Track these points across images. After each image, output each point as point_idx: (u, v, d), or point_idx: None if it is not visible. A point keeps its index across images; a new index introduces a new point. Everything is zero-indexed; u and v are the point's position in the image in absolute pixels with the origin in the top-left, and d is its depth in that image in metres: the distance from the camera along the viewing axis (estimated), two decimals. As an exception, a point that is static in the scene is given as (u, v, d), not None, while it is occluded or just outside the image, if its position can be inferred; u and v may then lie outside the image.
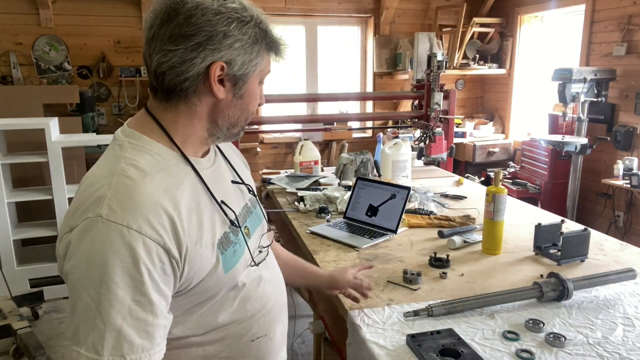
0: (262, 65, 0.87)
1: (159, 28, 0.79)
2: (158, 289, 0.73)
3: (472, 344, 1.12)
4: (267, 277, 0.98)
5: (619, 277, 1.40)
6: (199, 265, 0.80)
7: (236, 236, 0.90)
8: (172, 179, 0.80)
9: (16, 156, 3.20)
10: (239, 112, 0.88)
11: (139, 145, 0.81)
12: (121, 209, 0.72)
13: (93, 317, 0.70)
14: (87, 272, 0.71)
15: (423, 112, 2.90)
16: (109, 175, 0.76)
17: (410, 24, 5.15)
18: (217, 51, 0.80)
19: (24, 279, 3.22)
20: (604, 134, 3.87)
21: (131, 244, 0.71)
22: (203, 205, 0.83)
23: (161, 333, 0.76)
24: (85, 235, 0.72)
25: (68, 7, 4.18)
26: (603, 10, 3.91)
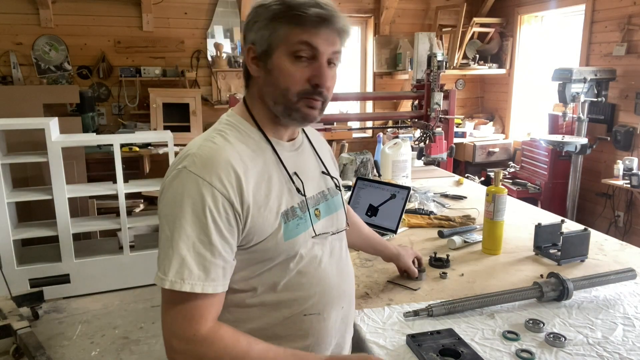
0: (284, 38, 0.91)
1: None
2: (220, 233, 0.87)
3: (472, 344, 1.12)
4: (328, 261, 1.04)
5: (619, 277, 1.40)
6: (261, 226, 0.91)
7: (303, 213, 0.99)
8: (250, 151, 0.94)
9: (16, 156, 3.20)
10: (272, 87, 0.95)
11: (232, 123, 0.98)
12: (201, 164, 0.87)
13: (167, 247, 0.86)
14: (169, 210, 0.87)
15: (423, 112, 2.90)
16: (201, 140, 0.94)
17: (410, 24, 5.15)
18: (251, 35, 0.95)
19: (24, 279, 3.22)
20: (604, 134, 3.88)
21: (202, 192, 0.85)
22: (275, 179, 0.95)
23: (218, 272, 0.87)
24: (173, 181, 0.89)
25: (68, 7, 4.18)
26: (603, 10, 3.91)
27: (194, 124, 4.31)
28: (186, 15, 4.47)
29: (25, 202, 3.28)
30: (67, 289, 3.32)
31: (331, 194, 1.11)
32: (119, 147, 3.23)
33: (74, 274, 3.31)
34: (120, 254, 3.41)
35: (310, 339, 1.00)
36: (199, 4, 4.48)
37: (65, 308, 3.22)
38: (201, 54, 4.57)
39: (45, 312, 3.16)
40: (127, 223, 3.33)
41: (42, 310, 3.16)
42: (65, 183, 3.15)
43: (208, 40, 4.55)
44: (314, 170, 1.08)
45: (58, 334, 2.92)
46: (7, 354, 2.64)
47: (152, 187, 3.46)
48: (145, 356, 2.72)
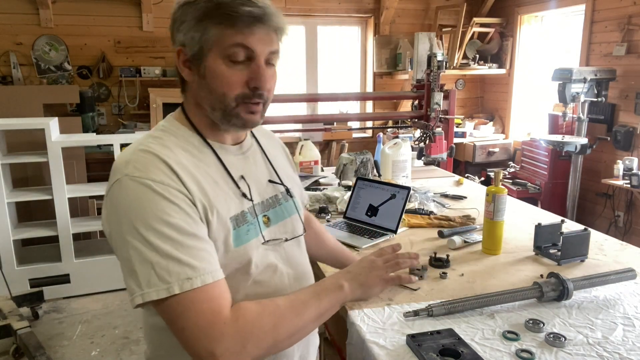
0: (214, 39, 0.85)
1: None
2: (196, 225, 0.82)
3: (472, 344, 1.12)
4: (284, 269, 1.01)
5: (619, 277, 1.40)
6: (213, 231, 0.86)
7: (253, 219, 0.94)
8: (191, 156, 0.89)
9: (16, 156, 3.20)
10: (207, 93, 0.89)
11: (168, 128, 0.92)
12: (142, 166, 0.82)
13: (149, 257, 0.77)
14: (128, 222, 0.79)
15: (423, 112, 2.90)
16: (136, 146, 0.88)
17: (410, 24, 5.15)
18: (178, 37, 0.89)
19: (24, 279, 3.22)
20: (604, 134, 3.87)
21: (155, 189, 0.80)
22: (221, 183, 0.90)
23: (212, 258, 0.83)
24: (119, 193, 0.82)
25: (68, 7, 4.18)
26: (603, 10, 3.91)
27: (194, 124, 4.31)
28: (186, 15, 4.47)
29: (25, 202, 3.28)
30: (67, 289, 3.32)
31: (284, 198, 1.06)
32: (119, 147, 3.23)
33: (74, 274, 3.31)
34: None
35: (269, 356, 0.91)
36: (199, 4, 4.48)
37: (65, 308, 3.23)
38: (201, 54, 4.57)
39: (45, 312, 3.16)
40: (127, 223, 3.32)
41: (42, 310, 3.16)
42: (65, 183, 3.15)
43: (208, 40, 4.55)
44: (263, 176, 1.02)
45: (58, 334, 2.92)
46: (7, 354, 2.64)
47: (152, 187, 3.46)
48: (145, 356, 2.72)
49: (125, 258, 0.80)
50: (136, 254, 0.78)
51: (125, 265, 0.80)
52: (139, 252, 0.78)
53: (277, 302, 0.87)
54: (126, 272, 0.80)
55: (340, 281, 1.01)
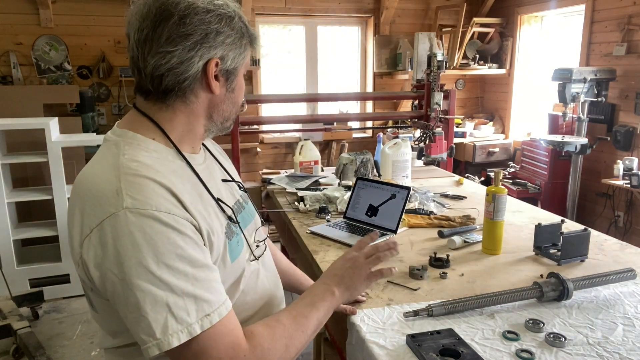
0: (247, 59, 0.90)
1: (151, 30, 0.78)
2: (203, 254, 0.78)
3: (472, 344, 1.12)
4: (264, 271, 1.01)
5: (619, 277, 1.40)
6: (214, 251, 0.83)
7: (236, 228, 0.92)
8: (172, 173, 0.81)
9: (16, 156, 3.20)
10: (231, 105, 0.91)
11: (134, 143, 0.82)
12: (143, 196, 0.74)
13: (163, 299, 0.71)
14: (136, 262, 0.71)
15: (423, 112, 2.90)
16: (113, 170, 0.77)
17: (410, 24, 5.15)
18: (212, 48, 0.82)
19: (24, 279, 3.22)
20: (604, 134, 3.87)
21: (164, 221, 0.73)
22: (205, 196, 0.86)
23: (221, 285, 0.80)
24: (117, 230, 0.72)
25: (68, 7, 4.18)
26: (603, 10, 3.91)
27: (194, 124, 4.31)
28: (186, 15, 4.47)
29: (25, 202, 3.28)
30: (67, 289, 3.32)
31: (244, 200, 1.05)
32: (119, 147, 3.22)
33: (74, 274, 3.31)
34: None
35: None
36: (199, 4, 4.48)
37: (65, 308, 3.23)
38: (201, 54, 4.57)
39: (45, 312, 3.16)
40: (127, 223, 3.32)
41: (42, 310, 3.16)
42: (65, 183, 3.15)
43: (208, 40, 4.55)
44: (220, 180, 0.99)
45: (58, 334, 2.92)
46: (7, 354, 2.64)
47: (152, 187, 3.46)
48: (145, 356, 2.72)
49: (132, 304, 0.72)
50: (146, 297, 0.71)
51: (131, 312, 0.72)
52: (150, 294, 0.71)
53: (283, 322, 0.86)
54: (132, 320, 0.72)
55: (331, 287, 1.01)
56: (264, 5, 4.69)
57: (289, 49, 5.13)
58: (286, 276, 1.27)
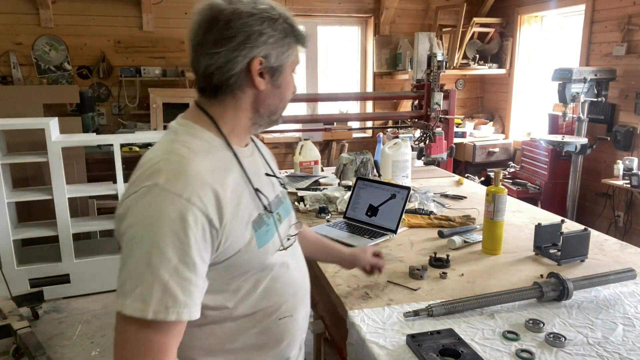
0: (292, 56, 0.97)
1: (203, 35, 0.90)
2: (200, 253, 0.82)
3: (472, 344, 1.12)
4: (294, 264, 1.06)
5: (619, 277, 1.40)
6: (235, 238, 0.89)
7: (268, 219, 0.98)
8: (218, 162, 0.90)
9: (16, 156, 3.20)
10: (277, 100, 0.99)
11: (191, 132, 0.93)
12: (175, 180, 0.82)
13: (142, 272, 0.78)
14: (141, 231, 0.80)
15: (423, 112, 2.90)
16: (165, 153, 0.87)
17: (410, 24, 5.15)
18: (255, 48, 0.90)
19: (24, 279, 3.22)
20: (604, 134, 3.87)
21: (181, 211, 0.80)
22: (242, 188, 0.93)
23: (199, 294, 0.84)
24: (143, 199, 0.81)
25: (68, 7, 4.18)
26: (603, 10, 3.91)
27: (194, 124, 4.31)
28: (186, 15, 4.47)
29: (25, 202, 3.28)
30: (67, 289, 3.32)
31: (283, 196, 1.12)
32: (119, 147, 3.23)
33: (74, 274, 3.31)
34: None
35: (285, 342, 1.03)
36: (199, 4, 4.48)
37: (65, 308, 3.23)
38: (201, 54, 4.57)
39: (45, 312, 3.16)
40: (127, 223, 3.32)
41: (42, 310, 3.16)
42: (65, 183, 3.15)
43: (208, 40, 4.55)
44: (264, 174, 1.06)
45: (58, 334, 2.92)
46: (7, 354, 2.64)
47: (152, 187, 3.45)
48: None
49: (123, 260, 0.81)
50: (132, 264, 0.79)
51: (121, 266, 0.82)
52: (135, 265, 0.79)
53: None
54: (120, 270, 0.82)
55: None
56: (264, 5, 4.69)
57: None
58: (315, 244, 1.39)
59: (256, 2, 0.91)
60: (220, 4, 0.90)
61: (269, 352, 1.00)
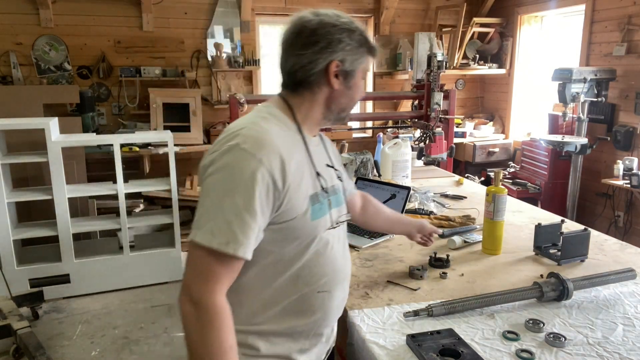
0: (364, 64, 1.13)
1: (293, 40, 1.09)
2: (262, 206, 0.98)
3: (472, 344, 1.12)
4: (338, 247, 1.16)
5: (619, 277, 1.40)
6: (294, 204, 1.03)
7: (324, 200, 1.12)
8: (289, 140, 1.06)
9: (16, 156, 3.20)
10: (347, 99, 1.14)
11: (272, 112, 1.11)
12: (252, 143, 0.99)
13: (214, 212, 0.96)
14: (219, 179, 0.98)
15: (423, 112, 2.90)
16: (248, 123, 1.05)
17: (410, 24, 5.15)
18: (334, 52, 1.07)
19: (24, 279, 3.22)
20: (604, 134, 3.87)
21: (253, 169, 0.97)
22: (304, 167, 1.08)
23: (254, 239, 0.99)
24: (225, 155, 0.99)
25: (68, 7, 4.18)
26: (603, 10, 3.91)
27: (194, 124, 4.31)
28: (186, 15, 4.47)
29: (25, 202, 3.28)
30: (67, 289, 3.32)
31: (338, 188, 1.23)
32: (119, 147, 3.23)
33: (74, 274, 3.31)
34: (120, 254, 3.41)
35: (318, 314, 1.12)
36: (199, 4, 4.48)
37: (65, 308, 3.23)
38: (201, 54, 4.57)
39: (45, 312, 3.16)
40: (127, 223, 3.33)
41: (42, 310, 3.16)
42: (65, 183, 3.15)
43: (208, 40, 4.55)
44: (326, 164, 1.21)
45: (58, 334, 2.92)
46: (7, 354, 2.64)
47: (152, 187, 3.46)
48: (145, 356, 2.72)
49: (201, 200, 1.00)
50: (207, 201, 0.98)
51: (199, 205, 1.00)
52: (210, 202, 0.98)
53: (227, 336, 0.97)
54: (197, 208, 1.00)
55: None
56: (264, 5, 4.69)
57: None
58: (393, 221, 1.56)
59: (339, 16, 1.11)
60: (309, 17, 1.09)
61: (303, 321, 1.10)
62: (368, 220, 1.52)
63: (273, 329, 1.09)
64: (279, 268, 1.07)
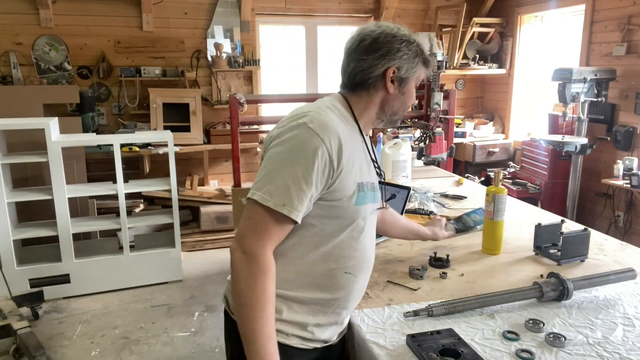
0: (418, 73, 1.23)
1: (356, 46, 1.19)
2: (317, 179, 1.08)
3: (472, 344, 1.12)
4: (369, 236, 1.25)
5: (619, 277, 1.40)
6: (344, 185, 1.13)
7: (367, 190, 1.20)
8: (347, 129, 1.17)
9: (16, 156, 3.20)
10: (400, 104, 1.24)
11: (336, 107, 1.21)
12: (317, 123, 1.10)
13: (274, 176, 1.07)
14: (284, 149, 1.08)
15: (423, 112, 2.90)
16: (315, 108, 1.17)
17: (410, 24, 5.15)
18: (392, 60, 1.18)
19: (24, 279, 3.22)
20: (604, 134, 3.87)
21: (315, 145, 1.07)
22: (358, 155, 1.19)
23: (306, 205, 1.09)
24: (292, 130, 1.10)
25: (68, 7, 4.19)
26: (603, 10, 3.91)
27: (194, 124, 4.31)
28: (186, 15, 4.47)
29: (25, 202, 3.28)
30: (67, 289, 3.32)
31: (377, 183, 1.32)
32: (119, 147, 3.23)
33: (74, 274, 3.31)
34: (120, 254, 3.41)
35: (342, 292, 1.19)
36: (199, 4, 4.48)
37: (65, 308, 3.23)
38: (201, 54, 4.57)
39: (45, 312, 3.16)
40: (127, 223, 3.33)
41: (42, 310, 3.16)
42: (65, 183, 3.15)
43: (208, 40, 4.55)
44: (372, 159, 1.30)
45: (58, 334, 2.92)
46: (7, 354, 2.64)
47: (152, 187, 3.46)
48: (145, 356, 2.72)
49: (263, 166, 1.11)
50: (270, 166, 1.09)
51: (261, 169, 1.11)
52: (272, 167, 1.08)
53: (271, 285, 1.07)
54: (259, 171, 1.11)
55: None
56: (264, 5, 4.69)
57: (289, 49, 5.13)
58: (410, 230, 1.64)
59: (399, 29, 1.20)
60: (372, 27, 1.19)
61: (327, 295, 1.17)
62: (387, 228, 1.60)
63: (299, 297, 1.16)
64: (315, 242, 1.15)
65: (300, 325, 1.16)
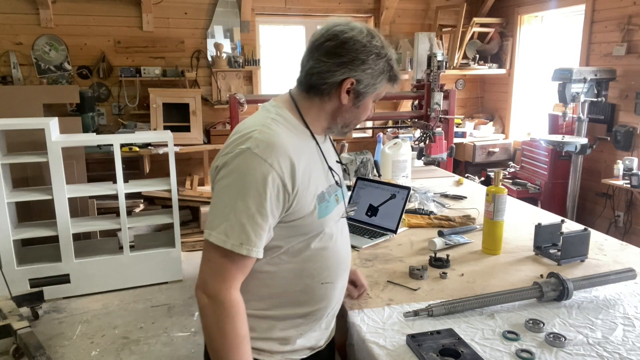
0: (379, 90, 1.14)
1: (320, 44, 1.08)
2: (272, 208, 1.02)
3: (472, 344, 1.12)
4: (341, 240, 1.21)
5: (619, 277, 1.40)
6: (302, 204, 1.07)
7: (330, 197, 1.16)
8: (297, 141, 1.09)
9: (16, 156, 3.20)
10: (352, 117, 1.16)
11: (281, 113, 1.12)
12: (263, 147, 1.02)
13: (228, 213, 1.01)
14: (231, 182, 1.02)
15: (423, 112, 2.90)
16: (259, 125, 1.08)
17: (410, 24, 5.15)
18: (353, 71, 1.08)
19: (24, 279, 3.22)
20: (604, 134, 3.87)
21: (264, 173, 1.00)
22: (314, 166, 1.12)
23: (265, 239, 1.04)
24: (236, 158, 1.02)
25: (68, 7, 4.18)
26: (603, 10, 3.91)
27: (194, 124, 4.31)
28: (186, 15, 4.47)
29: (25, 202, 3.28)
30: (67, 289, 3.32)
31: (341, 183, 1.26)
32: (119, 147, 3.23)
33: (74, 274, 3.31)
34: (120, 254, 3.41)
35: (323, 303, 1.17)
36: (199, 4, 4.48)
37: (65, 308, 3.23)
38: (201, 54, 4.57)
39: (45, 312, 3.16)
40: (127, 223, 3.33)
41: (42, 310, 3.16)
42: (65, 183, 3.15)
43: (208, 40, 4.55)
44: (332, 160, 1.23)
45: (58, 334, 2.92)
46: (7, 354, 2.64)
47: (152, 187, 3.46)
48: (145, 356, 2.72)
49: (214, 201, 1.05)
50: (221, 203, 1.02)
51: (212, 206, 1.05)
52: (223, 203, 1.02)
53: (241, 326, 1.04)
54: (210, 209, 1.05)
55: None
56: (264, 5, 4.69)
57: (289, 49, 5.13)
58: None
59: (373, 38, 1.09)
60: (344, 28, 1.08)
61: (305, 309, 1.15)
62: None
63: (278, 315, 1.14)
64: (285, 260, 1.11)
65: (283, 340, 1.15)
